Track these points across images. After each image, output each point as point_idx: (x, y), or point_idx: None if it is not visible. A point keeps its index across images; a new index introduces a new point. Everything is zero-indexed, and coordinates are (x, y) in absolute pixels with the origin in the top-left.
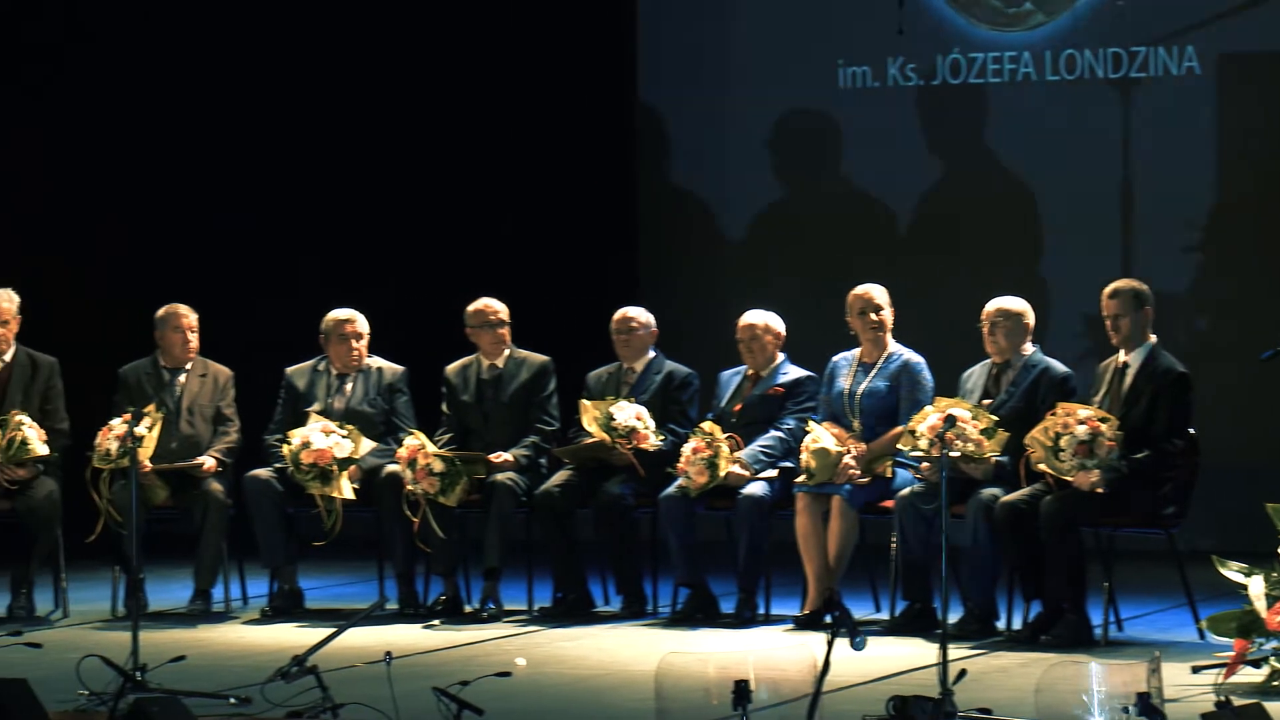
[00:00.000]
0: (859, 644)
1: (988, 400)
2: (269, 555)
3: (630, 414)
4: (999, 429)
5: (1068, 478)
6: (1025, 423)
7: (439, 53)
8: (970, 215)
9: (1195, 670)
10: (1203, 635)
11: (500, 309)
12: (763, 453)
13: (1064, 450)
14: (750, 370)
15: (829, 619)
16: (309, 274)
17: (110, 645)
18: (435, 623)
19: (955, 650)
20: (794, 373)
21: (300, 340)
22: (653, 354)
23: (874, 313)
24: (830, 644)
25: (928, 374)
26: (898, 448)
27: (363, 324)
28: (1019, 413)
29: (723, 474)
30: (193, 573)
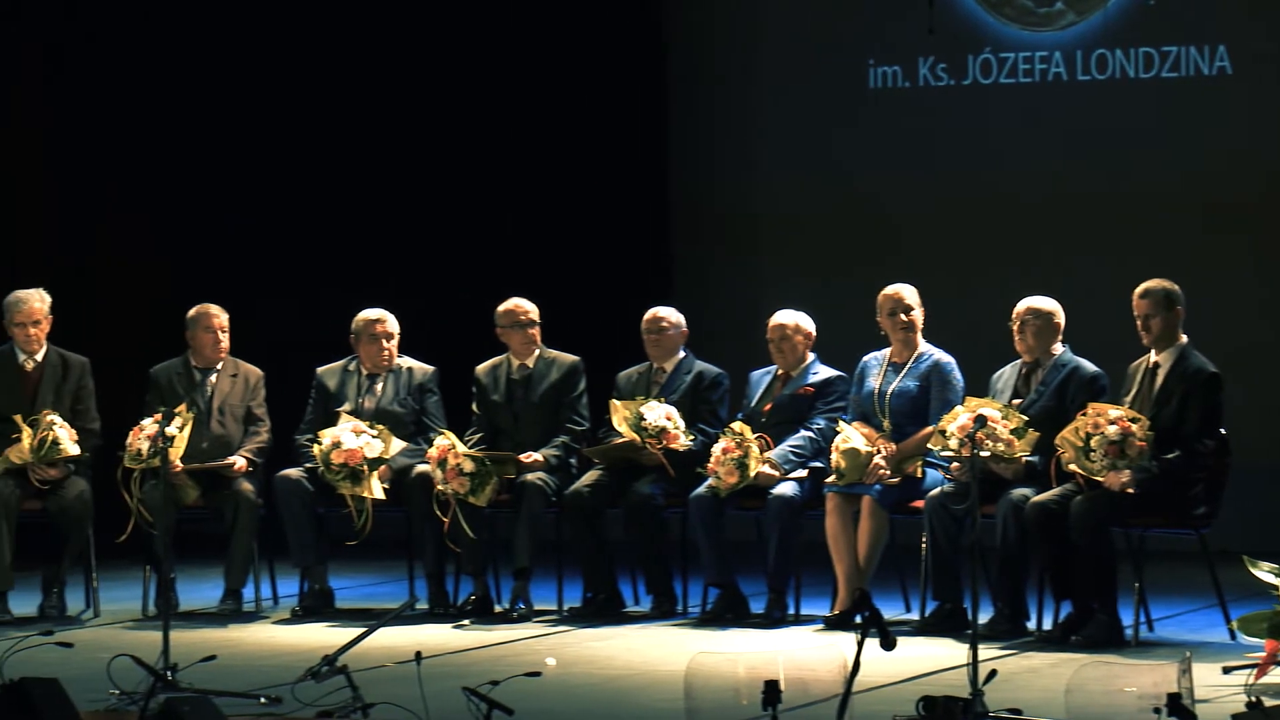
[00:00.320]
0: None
1: (1018, 400)
2: (299, 555)
3: (660, 414)
4: (1029, 429)
5: (1098, 478)
6: (1055, 422)
7: (472, 50)
8: (1000, 215)
9: (1226, 671)
10: (1234, 636)
11: (530, 309)
12: (793, 453)
13: (1095, 450)
14: (780, 370)
15: (859, 619)
16: (340, 274)
17: (141, 645)
18: (465, 623)
19: (985, 650)
20: (824, 372)
21: (331, 340)
22: (683, 354)
23: (904, 313)
24: (860, 644)
25: (958, 374)
26: (928, 448)
27: (393, 324)
28: (1049, 412)
29: (753, 474)
30: (223, 572)
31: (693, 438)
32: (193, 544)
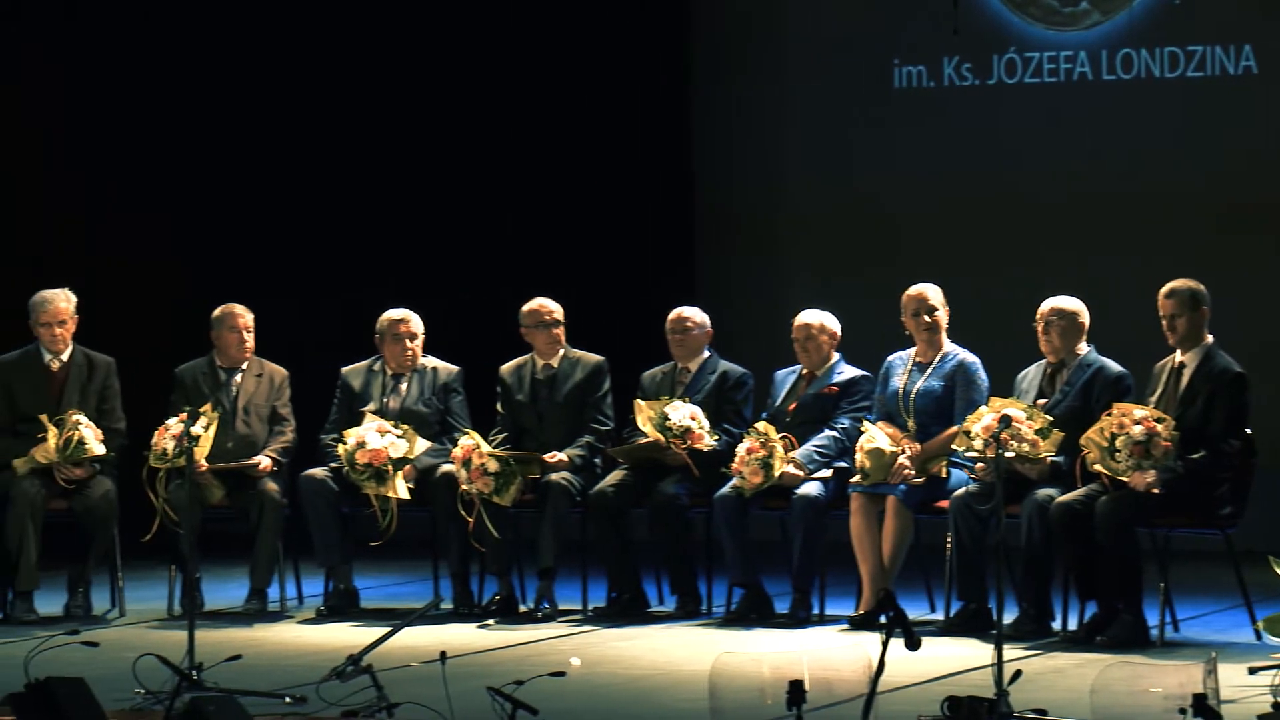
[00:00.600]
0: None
1: (1043, 400)
2: (324, 554)
3: (685, 414)
4: (1054, 429)
5: (1123, 478)
6: (1080, 422)
7: (498, 52)
8: (1025, 215)
9: (1251, 671)
10: (1259, 636)
11: (555, 309)
12: (817, 452)
13: (1120, 451)
14: (805, 370)
15: (884, 619)
16: (364, 274)
17: (166, 644)
18: (490, 622)
19: (1010, 651)
20: (849, 372)
21: (356, 340)
22: (707, 354)
23: (928, 313)
24: (885, 644)
25: (983, 374)
26: (953, 448)
27: (417, 324)
28: (1074, 412)
29: (777, 474)
30: (248, 572)
31: (717, 437)
32: (218, 543)
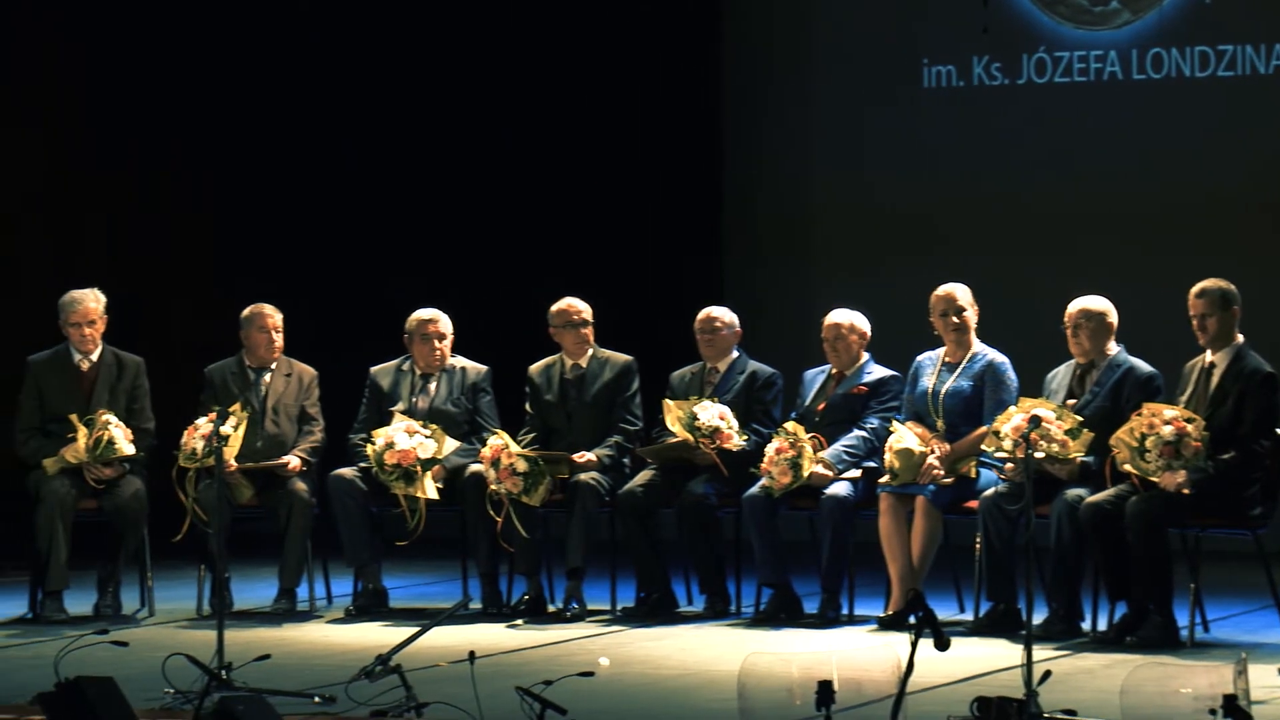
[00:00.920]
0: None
1: (1072, 400)
2: (353, 554)
3: (714, 414)
4: (1084, 429)
5: (1154, 478)
6: (1110, 423)
7: (525, 53)
8: (1055, 214)
9: None
10: None
11: (583, 309)
12: (846, 452)
13: (1150, 451)
14: (834, 369)
15: (913, 620)
16: (393, 274)
17: (196, 644)
18: (519, 622)
19: (1040, 651)
20: (878, 372)
21: (385, 340)
22: (736, 353)
23: (956, 314)
24: (914, 644)
25: (1012, 374)
26: (982, 448)
27: (446, 324)
28: (1104, 413)
29: (806, 474)
30: (277, 571)
31: (746, 437)
32: (247, 543)
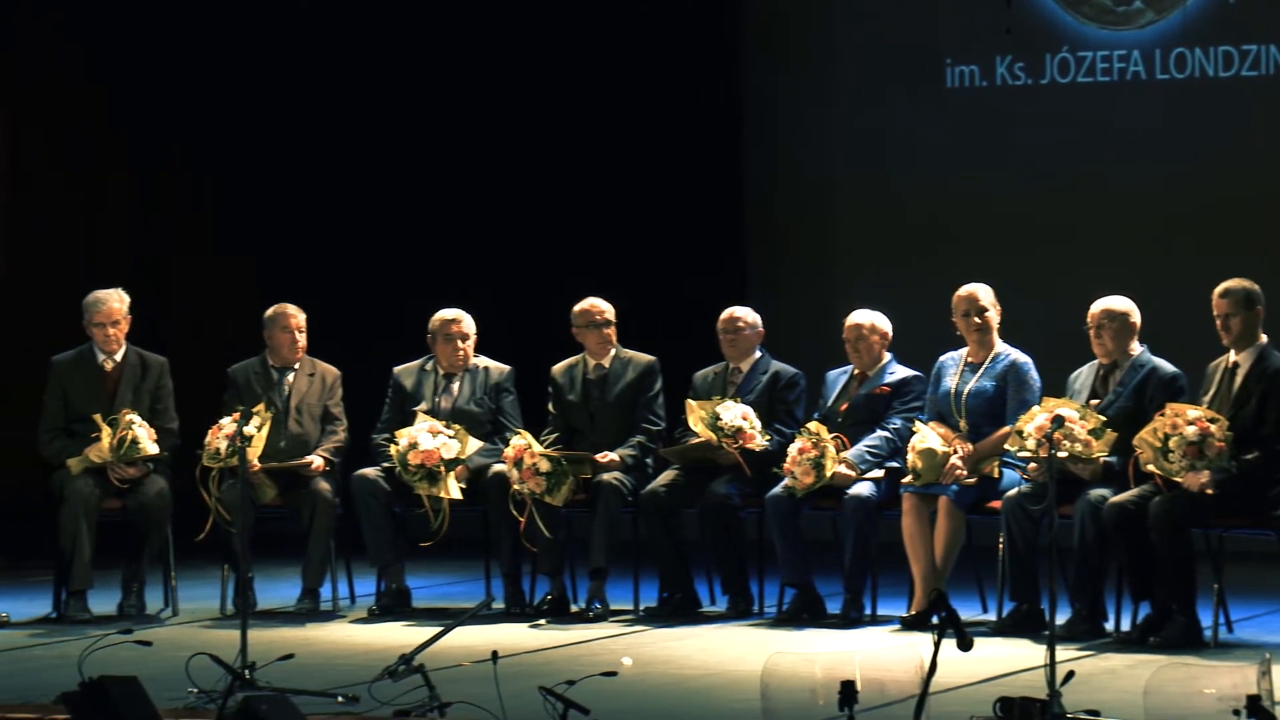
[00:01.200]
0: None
1: (1095, 400)
2: (376, 554)
3: (736, 414)
4: (1107, 429)
5: (1177, 478)
6: (1134, 423)
7: (545, 54)
8: (1079, 214)
9: None
10: None
11: (606, 309)
12: (869, 453)
13: (1173, 451)
14: (857, 370)
15: (936, 620)
16: (416, 273)
17: (219, 643)
18: (541, 622)
19: (1063, 651)
20: (901, 372)
21: (408, 340)
22: (759, 354)
23: (978, 314)
24: (937, 645)
25: (1035, 374)
26: (1005, 448)
27: (469, 324)
28: (1127, 413)
29: (829, 474)
30: (301, 571)
31: (769, 438)
32: (270, 543)
